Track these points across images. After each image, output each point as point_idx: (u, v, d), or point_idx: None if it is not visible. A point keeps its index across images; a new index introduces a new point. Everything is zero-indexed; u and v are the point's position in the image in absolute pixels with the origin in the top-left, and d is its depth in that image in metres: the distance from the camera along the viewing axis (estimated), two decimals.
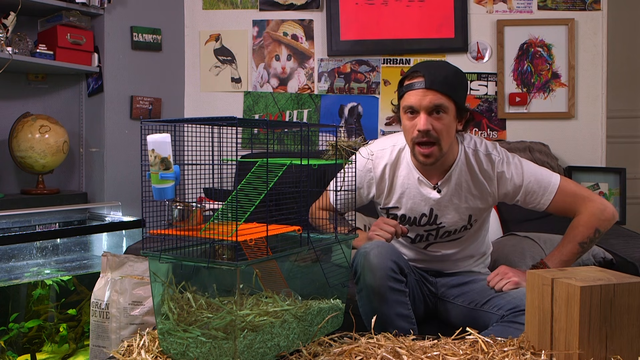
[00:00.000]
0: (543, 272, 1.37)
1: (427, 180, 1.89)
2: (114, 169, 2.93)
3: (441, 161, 1.85)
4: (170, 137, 1.34)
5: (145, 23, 3.05)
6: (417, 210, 1.92)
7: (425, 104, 1.75)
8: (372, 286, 1.71)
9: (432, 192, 1.89)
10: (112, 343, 1.84)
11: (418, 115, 1.77)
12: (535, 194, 1.86)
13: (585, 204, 1.85)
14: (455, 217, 1.91)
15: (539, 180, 1.86)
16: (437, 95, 1.74)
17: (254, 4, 3.20)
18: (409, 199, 1.92)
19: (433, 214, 1.91)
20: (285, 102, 3.20)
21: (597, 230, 1.83)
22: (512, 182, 1.87)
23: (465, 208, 1.90)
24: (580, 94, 3.08)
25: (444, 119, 1.76)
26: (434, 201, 1.89)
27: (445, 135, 1.78)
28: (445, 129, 1.77)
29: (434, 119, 1.76)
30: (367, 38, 3.13)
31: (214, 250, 1.40)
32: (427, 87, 1.74)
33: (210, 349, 1.32)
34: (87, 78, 2.96)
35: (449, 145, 1.82)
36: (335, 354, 1.39)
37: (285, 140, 3.12)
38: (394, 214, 1.95)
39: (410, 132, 1.80)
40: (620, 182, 2.98)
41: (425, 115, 1.75)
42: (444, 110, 1.76)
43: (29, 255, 2.50)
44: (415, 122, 1.78)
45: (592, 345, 1.26)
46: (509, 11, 3.10)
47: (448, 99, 1.76)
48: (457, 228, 1.93)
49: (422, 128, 1.75)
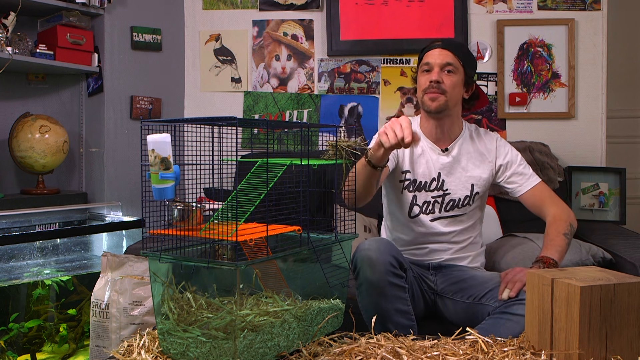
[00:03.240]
0: (543, 272, 1.37)
1: (437, 146, 2.10)
2: (114, 169, 2.93)
3: (449, 126, 2.08)
4: (170, 137, 1.34)
5: (145, 23, 3.05)
6: (427, 174, 2.08)
7: (439, 60, 2.02)
8: (372, 280, 1.75)
9: (441, 156, 2.09)
10: (112, 343, 1.84)
11: (432, 72, 2.02)
12: (521, 176, 2.09)
13: (555, 204, 2.06)
14: (459, 185, 2.07)
15: (527, 168, 2.11)
16: (450, 54, 2.03)
17: (254, 4, 3.20)
18: (420, 163, 2.08)
19: (440, 178, 2.07)
20: (285, 102, 3.21)
21: (571, 225, 2.01)
22: (508, 155, 2.11)
23: (468, 177, 2.08)
24: (580, 94, 3.08)
25: (453, 77, 2.02)
26: (441, 165, 2.08)
27: (452, 91, 2.02)
28: (453, 85, 2.02)
29: (445, 75, 2.01)
30: (367, 38, 3.13)
31: (214, 250, 1.40)
32: (443, 47, 2.04)
33: (210, 349, 1.32)
34: (87, 78, 2.96)
35: (455, 104, 2.06)
36: (335, 354, 1.39)
37: (285, 140, 3.12)
38: (408, 179, 2.09)
39: (423, 85, 2.05)
40: (620, 182, 2.98)
41: (438, 70, 2.01)
42: (454, 70, 2.02)
43: (29, 255, 2.50)
44: (429, 76, 2.03)
45: (592, 345, 1.26)
46: (509, 11, 3.10)
47: (459, 61, 2.03)
48: (461, 197, 2.07)
49: (434, 78, 2.00)
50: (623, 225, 2.94)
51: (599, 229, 2.79)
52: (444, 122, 2.07)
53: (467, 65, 2.05)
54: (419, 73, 2.09)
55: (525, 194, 2.08)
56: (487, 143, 2.12)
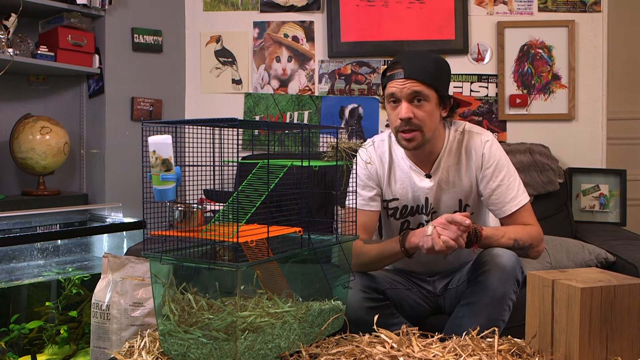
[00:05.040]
0: (544, 274, 1.38)
1: (419, 169, 1.95)
2: (114, 170, 2.93)
3: (429, 148, 1.90)
4: (171, 138, 1.35)
5: (146, 24, 3.05)
6: (416, 199, 1.95)
7: (405, 92, 1.81)
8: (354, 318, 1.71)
9: (424, 180, 1.94)
10: (112, 344, 1.84)
11: (400, 104, 1.83)
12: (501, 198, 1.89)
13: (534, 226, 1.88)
14: (447, 203, 1.94)
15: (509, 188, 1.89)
16: (416, 83, 1.80)
17: (255, 6, 3.21)
18: (406, 189, 1.96)
19: (429, 202, 1.95)
20: (285, 103, 3.21)
21: (531, 245, 1.84)
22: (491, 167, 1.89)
23: (454, 192, 1.93)
24: (580, 95, 3.08)
25: (425, 106, 1.82)
26: (427, 189, 1.93)
27: (428, 122, 1.83)
28: (427, 116, 1.82)
29: (415, 107, 1.81)
30: (368, 39, 3.13)
31: (215, 252, 1.40)
32: (406, 76, 1.80)
33: (211, 350, 1.32)
34: (88, 79, 2.96)
35: (433, 132, 1.87)
36: (335, 354, 1.39)
37: (286, 141, 3.12)
38: (394, 207, 1.98)
39: (394, 121, 1.86)
40: (620, 183, 2.98)
41: (407, 103, 1.81)
42: (424, 98, 1.81)
43: (29, 256, 2.50)
44: (398, 111, 1.83)
45: (593, 346, 1.26)
46: (509, 13, 3.10)
47: (427, 87, 1.81)
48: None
49: (403, 116, 1.80)
50: (623, 227, 2.94)
51: (600, 231, 2.79)
52: (425, 147, 1.90)
53: (438, 86, 1.84)
54: (387, 104, 1.89)
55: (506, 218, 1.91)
56: (473, 146, 1.92)
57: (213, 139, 1.43)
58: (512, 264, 1.72)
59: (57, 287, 2.47)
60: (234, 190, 2.36)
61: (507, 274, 1.71)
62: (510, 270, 1.71)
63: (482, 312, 1.72)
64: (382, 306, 1.85)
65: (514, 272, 1.72)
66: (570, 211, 2.85)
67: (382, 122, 3.14)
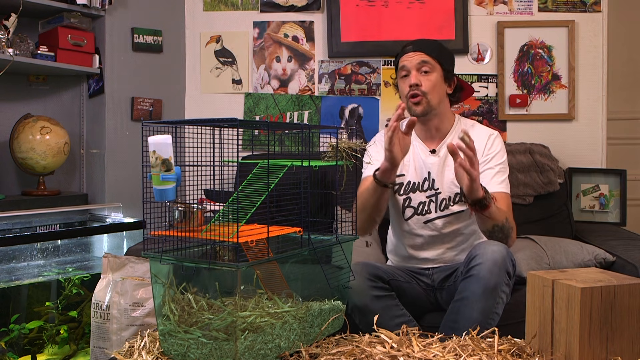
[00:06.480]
0: (544, 274, 1.38)
1: (425, 146, 2.13)
2: (114, 170, 2.93)
3: (437, 124, 2.11)
4: (171, 138, 1.35)
5: (146, 24, 3.05)
6: (419, 174, 2.10)
7: (414, 62, 2.06)
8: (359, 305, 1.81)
9: (430, 156, 2.11)
10: (112, 344, 1.85)
11: (410, 76, 2.06)
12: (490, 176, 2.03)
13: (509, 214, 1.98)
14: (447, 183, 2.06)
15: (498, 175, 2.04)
16: (423, 55, 2.06)
17: (255, 6, 3.21)
18: (411, 164, 2.11)
19: (431, 177, 2.09)
20: (285, 103, 3.21)
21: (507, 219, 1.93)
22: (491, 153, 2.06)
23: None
24: (580, 95, 3.08)
25: (431, 76, 2.05)
26: (430, 165, 2.09)
27: (433, 90, 2.05)
28: (433, 84, 2.05)
29: (423, 77, 2.05)
30: (368, 39, 3.13)
31: (215, 252, 1.40)
32: (415, 50, 2.08)
33: (211, 350, 1.32)
34: (88, 79, 2.96)
35: (439, 103, 2.07)
36: (335, 354, 1.39)
37: (286, 141, 3.12)
38: (399, 182, 2.10)
39: (404, 90, 2.08)
40: (620, 183, 2.98)
41: (415, 72, 2.05)
42: (430, 69, 2.05)
43: (29, 256, 2.50)
44: (408, 81, 2.06)
45: (593, 346, 1.26)
46: (509, 13, 3.10)
47: (433, 59, 2.06)
48: (451, 195, 2.06)
49: (412, 82, 2.03)
50: (623, 227, 2.94)
51: (600, 231, 2.79)
52: (432, 121, 2.10)
53: (443, 61, 2.08)
54: (399, 79, 2.12)
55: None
56: (481, 135, 2.09)
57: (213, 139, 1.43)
58: (502, 256, 1.78)
59: (57, 287, 2.47)
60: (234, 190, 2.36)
61: (498, 266, 1.76)
62: (502, 262, 1.77)
63: (476, 305, 1.75)
64: (387, 296, 1.89)
65: (505, 263, 1.77)
66: (570, 211, 2.85)
67: (382, 122, 3.14)
